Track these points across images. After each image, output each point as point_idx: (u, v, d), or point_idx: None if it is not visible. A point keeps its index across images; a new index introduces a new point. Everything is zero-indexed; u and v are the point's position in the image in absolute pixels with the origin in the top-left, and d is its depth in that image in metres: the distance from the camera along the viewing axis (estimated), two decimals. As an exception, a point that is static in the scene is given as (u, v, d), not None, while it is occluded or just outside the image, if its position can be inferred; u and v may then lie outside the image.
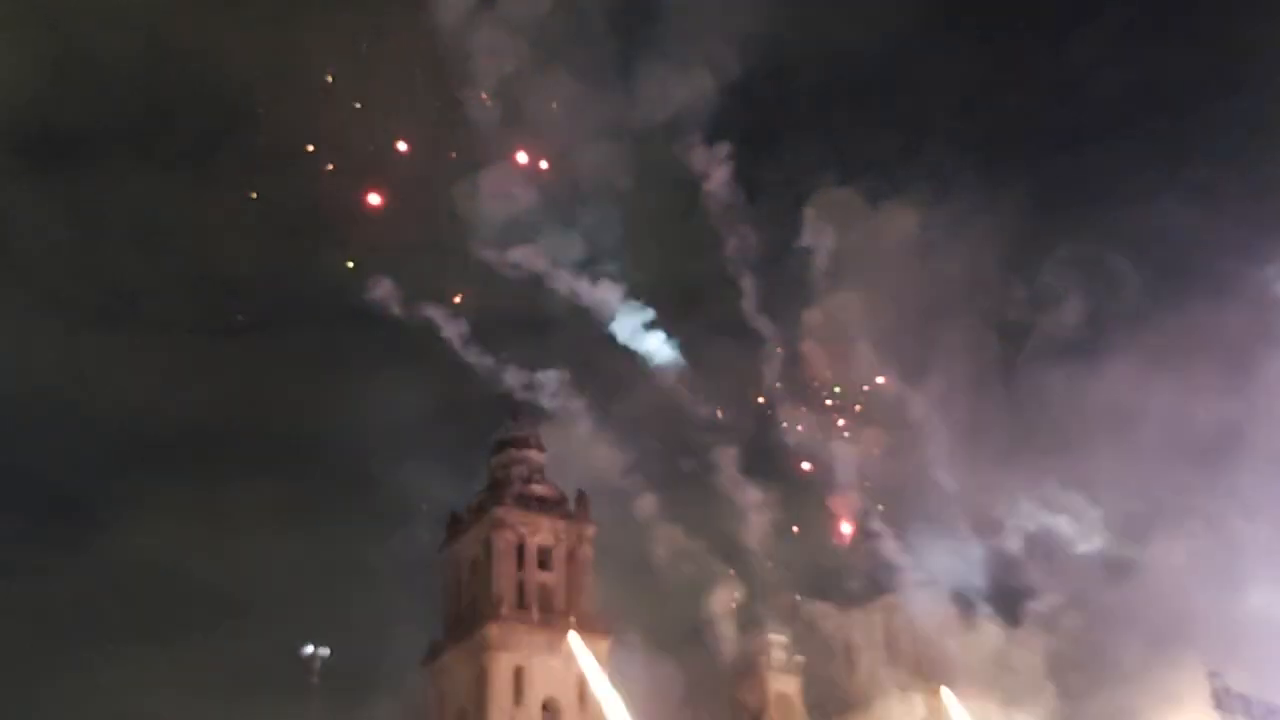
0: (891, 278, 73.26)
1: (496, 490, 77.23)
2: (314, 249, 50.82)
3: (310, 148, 53.88)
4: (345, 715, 71.40)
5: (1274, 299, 78.98)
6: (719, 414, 72.20)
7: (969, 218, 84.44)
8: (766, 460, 71.66)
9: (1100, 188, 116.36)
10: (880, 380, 75.78)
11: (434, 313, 67.84)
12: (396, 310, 58.48)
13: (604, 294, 69.28)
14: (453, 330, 68.76)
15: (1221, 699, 58.24)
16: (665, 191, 63.99)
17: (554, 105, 64.17)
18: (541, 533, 76.45)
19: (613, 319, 69.49)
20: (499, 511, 75.67)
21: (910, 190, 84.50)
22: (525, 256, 68.62)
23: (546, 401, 72.75)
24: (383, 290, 57.95)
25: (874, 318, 73.46)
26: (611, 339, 69.33)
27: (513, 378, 72.31)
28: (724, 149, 71.80)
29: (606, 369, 75.05)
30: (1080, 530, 71.62)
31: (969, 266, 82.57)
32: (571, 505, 79.13)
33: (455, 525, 78.68)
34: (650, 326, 69.89)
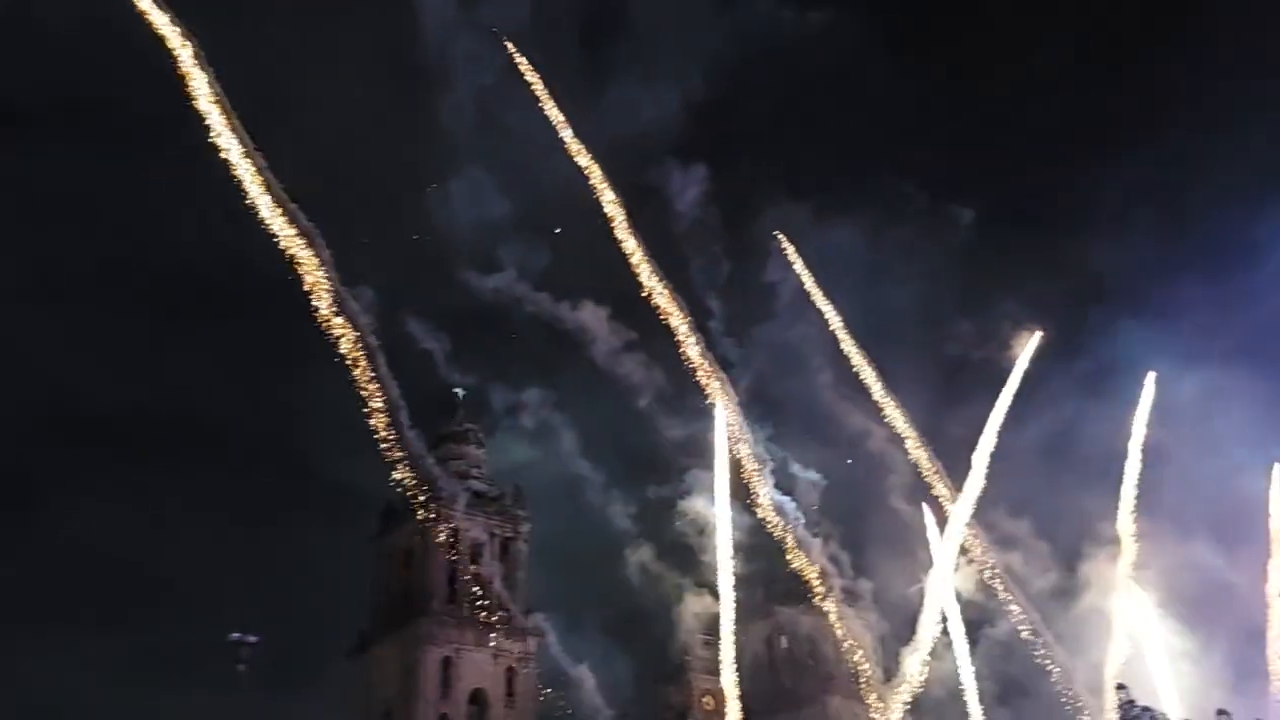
0: (844, 304, 74.82)
1: (432, 484, 77.56)
2: (263, 237, 50.90)
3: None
4: (273, 704, 71.40)
5: (1190, 322, 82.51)
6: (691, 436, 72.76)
7: (917, 243, 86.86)
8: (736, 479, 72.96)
9: (1036, 217, 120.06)
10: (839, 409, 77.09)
11: (414, 327, 68.56)
12: (374, 320, 59.12)
13: (586, 316, 69.98)
14: (434, 346, 69.56)
15: (1126, 711, 60.31)
16: (631, 208, 64.90)
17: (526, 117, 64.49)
18: (476, 528, 76.92)
19: (594, 341, 70.11)
20: (434, 505, 76.00)
21: (860, 211, 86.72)
22: (505, 281, 69.52)
23: (528, 420, 73.46)
24: (363, 300, 58.52)
25: (830, 346, 74.78)
26: (592, 362, 70.08)
27: (498, 398, 73.20)
28: (699, 171, 72.85)
29: (587, 389, 75.96)
30: (1035, 568, 73.70)
31: (917, 295, 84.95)
32: (509, 501, 79.80)
33: (390, 518, 78.87)
34: (630, 348, 70.52)
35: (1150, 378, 75.11)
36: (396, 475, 59.31)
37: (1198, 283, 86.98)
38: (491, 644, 72.96)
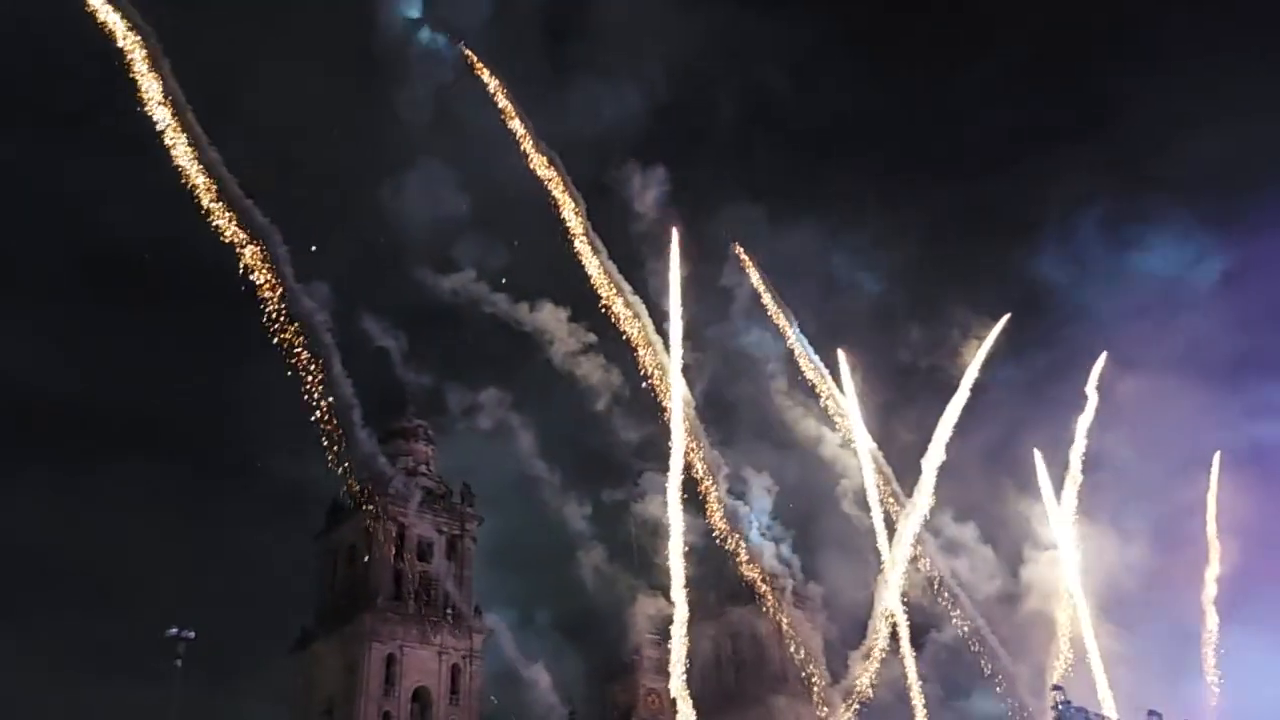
0: (800, 307, 75.35)
1: (379, 480, 76.89)
2: (207, 227, 50.04)
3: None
4: (209, 700, 70.48)
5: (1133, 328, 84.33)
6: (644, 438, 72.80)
7: (871, 247, 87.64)
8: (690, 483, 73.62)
9: (988, 223, 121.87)
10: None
11: (370, 324, 68.01)
12: (329, 319, 58.64)
13: (545, 318, 69.59)
14: (391, 343, 68.91)
15: (1062, 712, 61.37)
16: (591, 208, 64.82)
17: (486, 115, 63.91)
18: (423, 524, 76.36)
19: (552, 343, 69.73)
20: (380, 501, 75.35)
21: (817, 214, 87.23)
22: (463, 282, 69.06)
23: (484, 421, 72.96)
24: (318, 296, 58.06)
25: (784, 350, 75.19)
26: (549, 363, 69.72)
27: (455, 398, 72.68)
28: (658, 172, 72.62)
29: (545, 390, 75.62)
30: (980, 573, 74.78)
31: (871, 300, 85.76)
32: (457, 499, 79.30)
33: (336, 513, 78.08)
34: (589, 350, 70.26)
35: (1101, 358, 76.64)
36: (344, 471, 58.81)
37: (1142, 289, 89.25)
38: (436, 641, 72.45)
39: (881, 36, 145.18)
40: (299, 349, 54.25)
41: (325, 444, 56.73)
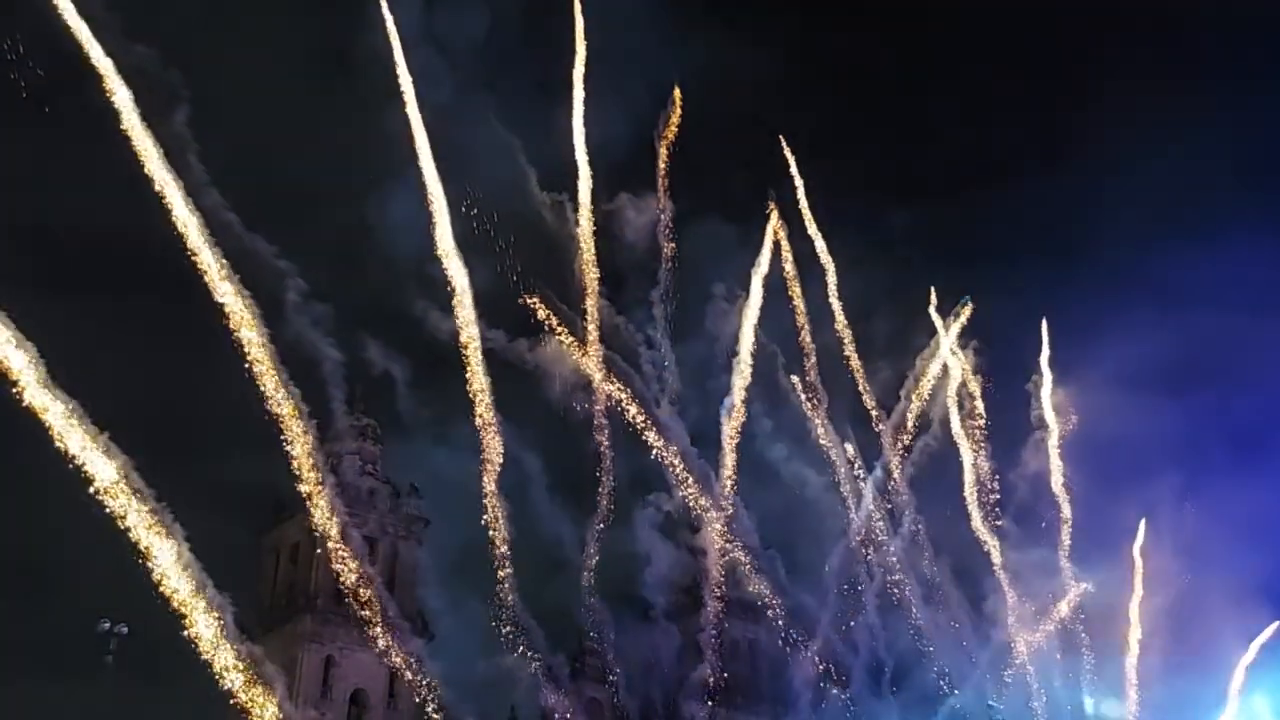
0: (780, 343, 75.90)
1: (326, 479, 75.75)
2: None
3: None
4: (142, 698, 69.17)
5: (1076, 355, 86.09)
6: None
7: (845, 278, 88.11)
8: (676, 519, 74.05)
9: (936, 252, 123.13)
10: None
11: (374, 350, 67.57)
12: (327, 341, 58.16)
13: (545, 354, 69.35)
14: (396, 372, 68.65)
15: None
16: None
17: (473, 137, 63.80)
18: (368, 525, 75.53)
19: (553, 380, 69.58)
20: (324, 500, 74.31)
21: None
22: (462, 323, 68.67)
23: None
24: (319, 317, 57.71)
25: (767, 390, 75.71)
26: (548, 400, 69.56)
27: (462, 436, 72.00)
28: (646, 201, 72.68)
29: (547, 423, 75.33)
30: (953, 614, 75.92)
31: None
32: (404, 500, 78.51)
33: (278, 511, 76.94)
34: (588, 387, 70.08)
35: (1060, 393, 77.94)
36: (291, 467, 58.28)
37: (1084, 317, 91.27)
38: (377, 645, 71.61)
39: (849, 66, 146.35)
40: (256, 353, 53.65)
41: (268, 439, 56.26)
